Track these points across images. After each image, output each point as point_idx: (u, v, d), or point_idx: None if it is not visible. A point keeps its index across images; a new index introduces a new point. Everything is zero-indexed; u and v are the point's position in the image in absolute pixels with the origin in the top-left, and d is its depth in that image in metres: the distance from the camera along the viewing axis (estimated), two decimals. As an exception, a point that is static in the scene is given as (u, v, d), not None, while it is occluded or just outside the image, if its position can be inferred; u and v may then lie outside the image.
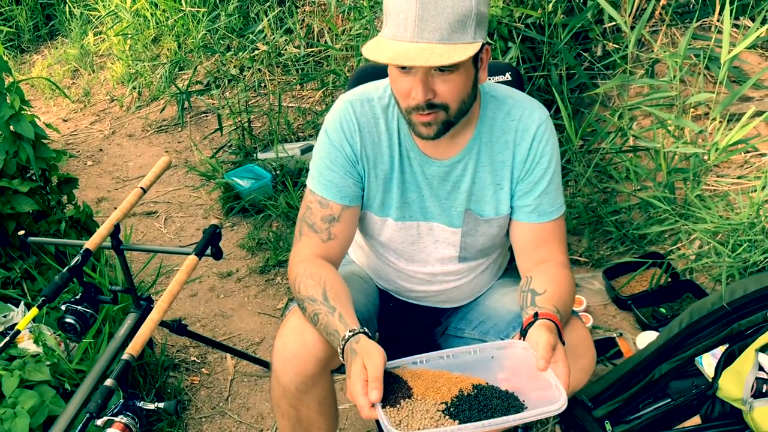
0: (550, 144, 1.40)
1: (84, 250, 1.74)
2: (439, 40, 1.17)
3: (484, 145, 1.40)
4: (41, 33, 6.27)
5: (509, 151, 1.40)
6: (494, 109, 1.40)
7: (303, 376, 1.37)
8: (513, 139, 1.40)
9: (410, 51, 1.17)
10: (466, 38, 1.19)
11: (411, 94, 1.24)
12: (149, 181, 1.91)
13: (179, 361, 2.41)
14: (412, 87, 1.24)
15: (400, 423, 1.10)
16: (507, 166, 1.41)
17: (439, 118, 1.27)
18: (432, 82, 1.23)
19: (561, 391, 1.12)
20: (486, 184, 1.43)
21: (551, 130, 1.41)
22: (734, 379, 1.67)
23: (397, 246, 1.52)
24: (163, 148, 4.12)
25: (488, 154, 1.41)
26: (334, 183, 1.42)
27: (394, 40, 1.20)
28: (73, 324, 1.70)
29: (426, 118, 1.26)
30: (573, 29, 2.74)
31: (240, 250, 3.01)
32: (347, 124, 1.42)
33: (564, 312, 1.31)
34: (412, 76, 1.23)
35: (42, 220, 2.56)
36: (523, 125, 1.39)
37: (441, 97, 1.24)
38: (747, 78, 2.55)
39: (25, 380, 1.88)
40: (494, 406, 1.13)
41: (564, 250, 1.46)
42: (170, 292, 1.55)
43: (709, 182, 2.42)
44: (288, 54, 3.91)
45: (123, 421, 1.35)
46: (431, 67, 1.20)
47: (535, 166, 1.40)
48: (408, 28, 1.17)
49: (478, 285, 1.62)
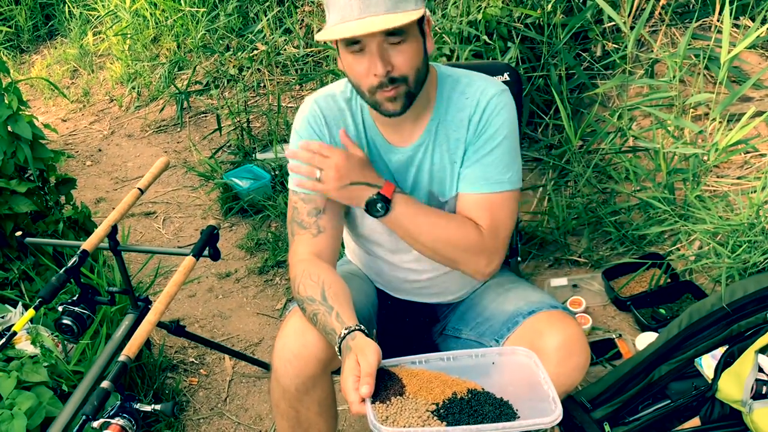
0: (501, 116, 1.39)
1: (81, 251, 1.74)
2: (385, 10, 1.22)
3: (441, 124, 1.42)
4: (40, 33, 6.26)
5: (464, 129, 1.41)
6: (450, 89, 1.43)
7: (303, 377, 1.37)
8: (468, 116, 1.40)
9: (359, 25, 1.22)
10: (410, 6, 1.25)
11: (370, 72, 1.28)
12: (147, 181, 1.91)
13: (177, 362, 2.41)
14: (370, 64, 1.27)
15: (387, 419, 1.10)
16: (462, 144, 1.42)
17: (401, 91, 1.30)
18: (387, 55, 1.27)
19: (557, 404, 1.12)
20: (444, 164, 1.44)
21: (505, 104, 1.40)
22: (734, 381, 1.66)
23: (380, 237, 1.54)
24: (162, 148, 4.12)
25: (444, 133, 1.42)
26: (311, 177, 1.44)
27: (341, 23, 1.24)
28: (70, 325, 1.70)
29: (390, 93, 1.30)
30: (572, 29, 2.74)
31: (239, 251, 3.01)
32: (314, 119, 1.46)
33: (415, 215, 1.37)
34: (368, 54, 1.27)
35: (40, 221, 2.55)
36: (476, 101, 1.40)
37: (399, 69, 1.28)
38: (747, 78, 2.54)
39: (23, 381, 1.88)
40: (485, 412, 1.12)
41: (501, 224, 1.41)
42: (167, 294, 1.55)
43: (709, 183, 2.42)
44: (287, 54, 3.91)
45: (119, 423, 1.35)
46: (383, 40, 1.25)
47: (481, 135, 1.40)
48: (354, 8, 1.23)
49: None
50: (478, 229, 1.40)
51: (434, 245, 1.41)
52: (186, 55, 4.51)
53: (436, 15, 3.03)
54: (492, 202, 1.41)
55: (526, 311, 1.44)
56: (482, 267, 1.43)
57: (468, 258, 1.41)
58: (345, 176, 1.36)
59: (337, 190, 1.37)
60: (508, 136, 1.40)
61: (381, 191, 1.36)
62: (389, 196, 1.37)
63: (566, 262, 2.55)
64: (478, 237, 1.40)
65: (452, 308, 1.69)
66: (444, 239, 1.39)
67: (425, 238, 1.40)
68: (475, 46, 2.80)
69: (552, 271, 2.54)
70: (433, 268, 1.57)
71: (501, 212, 1.41)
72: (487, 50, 2.82)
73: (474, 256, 1.41)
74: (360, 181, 1.37)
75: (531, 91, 2.86)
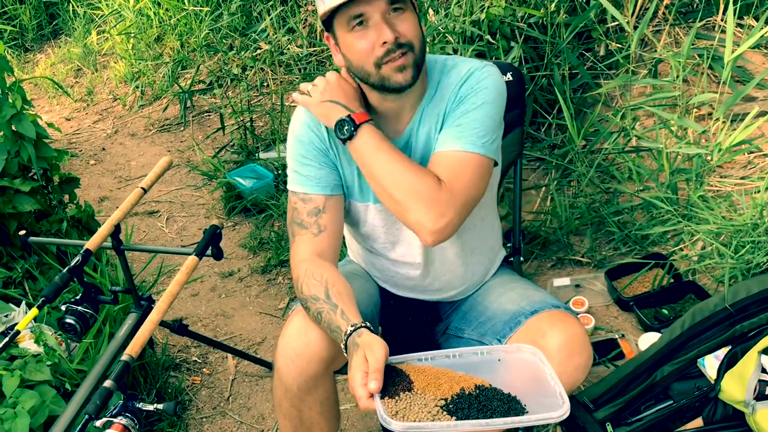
0: (482, 84, 1.37)
1: (84, 250, 1.74)
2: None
3: (427, 106, 1.43)
4: (45, 32, 6.27)
5: (446, 101, 1.41)
6: (439, 74, 1.44)
7: (306, 376, 1.37)
8: (451, 89, 1.41)
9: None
10: None
11: (378, 42, 1.29)
12: (150, 181, 1.91)
13: (180, 361, 2.41)
14: (377, 34, 1.29)
15: (396, 414, 1.10)
16: (441, 116, 1.42)
17: (410, 59, 1.32)
18: (393, 23, 1.29)
19: (564, 400, 1.13)
20: (429, 139, 1.44)
21: (489, 74, 1.39)
22: (737, 381, 1.66)
23: (381, 232, 1.54)
24: (165, 147, 4.12)
25: (429, 112, 1.43)
26: (311, 176, 1.45)
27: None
28: (72, 324, 1.70)
29: (400, 61, 1.31)
30: (576, 29, 2.73)
31: (242, 250, 3.01)
32: (311, 118, 1.47)
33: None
34: (372, 26, 1.29)
35: (43, 220, 2.56)
36: (460, 76, 1.40)
37: (405, 35, 1.30)
38: (751, 78, 2.53)
39: (26, 380, 1.88)
40: (494, 407, 1.13)
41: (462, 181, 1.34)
42: (170, 293, 1.55)
43: (712, 183, 2.41)
44: (290, 53, 3.91)
45: (122, 422, 1.35)
46: (387, 9, 1.28)
47: (461, 102, 1.39)
48: None
49: (469, 269, 1.61)
50: (436, 180, 1.33)
51: (387, 182, 1.34)
52: (189, 54, 4.52)
53: (439, 15, 3.02)
54: (460, 160, 1.35)
55: (529, 311, 1.44)
56: (430, 220, 1.30)
57: (417, 206, 1.31)
58: (330, 92, 1.40)
59: (317, 102, 1.41)
60: (488, 102, 1.37)
61: (353, 116, 1.37)
62: (358, 122, 1.37)
63: (569, 262, 2.55)
64: (433, 186, 1.31)
65: (455, 307, 1.69)
66: (397, 178, 1.33)
67: (380, 172, 1.35)
68: (478, 46, 2.80)
69: (555, 270, 2.54)
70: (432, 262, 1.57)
71: (466, 172, 1.35)
72: (490, 50, 2.82)
73: (423, 205, 1.30)
74: (340, 101, 1.40)
75: (534, 91, 2.86)
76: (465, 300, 1.67)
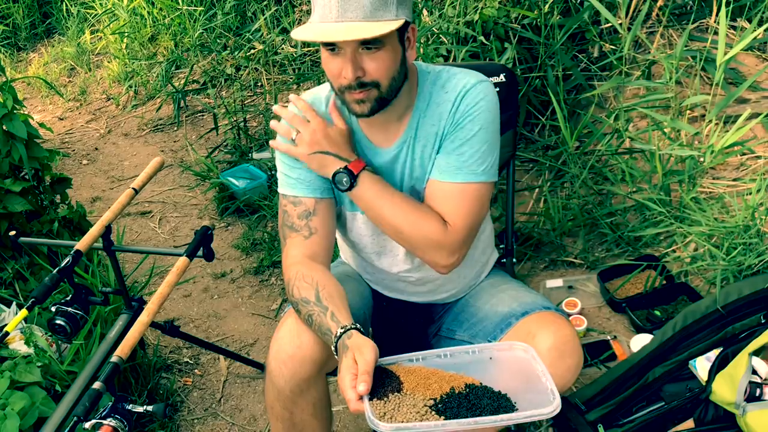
0: (479, 107, 1.37)
1: (74, 251, 1.73)
2: (363, 17, 1.22)
3: (421, 120, 1.42)
4: (38, 31, 6.25)
5: (442, 121, 1.40)
6: (431, 85, 1.42)
7: (298, 379, 1.37)
8: (447, 109, 1.39)
9: (335, 29, 1.22)
10: (389, 15, 1.25)
11: (342, 74, 1.28)
12: (141, 181, 1.90)
13: (172, 362, 2.40)
14: (342, 66, 1.27)
15: (384, 415, 1.10)
16: (439, 137, 1.41)
17: (372, 95, 1.30)
18: (360, 60, 1.27)
19: (555, 396, 1.12)
20: (424, 158, 1.43)
21: (484, 94, 1.38)
22: (728, 383, 1.66)
23: (368, 241, 1.55)
24: (158, 147, 4.11)
25: (424, 128, 1.42)
26: (300, 179, 1.45)
27: (321, 23, 1.25)
28: (62, 325, 1.70)
29: (358, 96, 1.30)
30: (569, 30, 2.73)
31: (234, 251, 3.00)
32: None
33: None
34: (341, 56, 1.27)
35: (35, 220, 2.55)
36: (455, 93, 1.39)
37: (370, 74, 1.28)
38: (743, 80, 2.54)
39: (16, 381, 1.87)
40: (484, 406, 1.13)
41: (466, 218, 1.38)
42: (160, 294, 1.55)
43: (705, 185, 2.42)
44: (284, 53, 3.90)
45: (111, 424, 1.35)
46: (358, 46, 1.25)
47: (458, 125, 1.38)
48: (333, 10, 1.23)
49: (461, 272, 1.60)
50: (441, 222, 1.38)
51: (394, 230, 1.40)
52: (183, 54, 4.50)
53: (433, 15, 3.02)
54: (463, 193, 1.38)
55: (519, 312, 1.44)
56: (441, 261, 1.40)
57: (427, 250, 1.39)
58: (318, 143, 1.39)
59: (307, 155, 1.40)
60: (485, 127, 1.37)
61: (349, 166, 1.37)
62: (356, 172, 1.37)
63: (562, 264, 2.55)
64: (440, 231, 1.37)
65: (446, 309, 1.69)
66: (404, 226, 1.38)
67: (385, 221, 1.39)
68: (471, 47, 2.80)
69: (547, 272, 2.54)
70: (418, 269, 1.57)
71: (470, 204, 1.39)
72: (483, 51, 2.82)
73: (433, 249, 1.39)
74: (331, 152, 1.39)
75: (528, 92, 2.86)
76: (457, 302, 1.67)
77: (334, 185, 1.40)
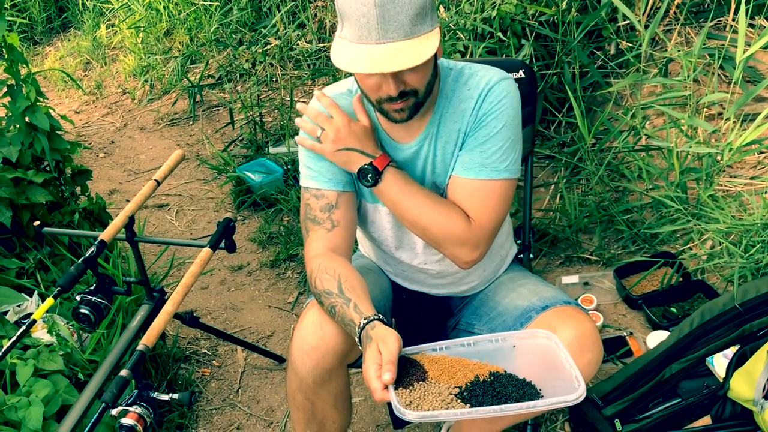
0: (501, 104, 1.38)
1: (99, 241, 1.76)
2: (404, 36, 1.21)
3: (443, 117, 1.43)
4: (54, 25, 6.30)
5: (465, 118, 1.41)
6: (453, 82, 1.43)
7: (321, 369, 1.39)
8: (470, 106, 1.40)
9: (380, 56, 1.20)
10: (426, 28, 1.24)
11: (382, 89, 1.28)
12: (163, 173, 1.93)
13: (190, 352, 2.43)
14: (381, 82, 1.28)
15: (411, 404, 1.11)
16: (462, 133, 1.42)
17: (410, 103, 1.32)
18: (402, 75, 1.27)
19: (580, 382, 1.13)
20: (446, 154, 1.45)
21: (507, 92, 1.39)
22: (746, 380, 1.67)
23: (389, 234, 1.56)
24: (174, 141, 4.14)
25: (447, 125, 1.43)
26: (323, 173, 1.46)
27: (359, 44, 1.23)
28: (87, 314, 1.72)
29: (398, 106, 1.31)
30: (587, 27, 2.73)
31: (251, 244, 3.03)
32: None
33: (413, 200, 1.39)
34: (380, 74, 1.26)
35: (56, 211, 2.58)
36: (478, 91, 1.40)
37: (410, 85, 1.29)
38: (762, 78, 2.53)
39: (39, 369, 1.90)
40: (509, 393, 1.13)
41: (490, 214, 1.40)
42: (184, 285, 1.57)
43: (722, 182, 2.42)
44: (300, 49, 3.92)
45: (137, 411, 1.37)
46: None
47: (481, 122, 1.39)
48: (372, 31, 1.21)
49: (480, 266, 1.62)
50: (465, 218, 1.40)
51: (418, 225, 1.41)
52: (199, 48, 4.53)
53: (450, 11, 3.03)
54: (487, 190, 1.40)
55: (539, 307, 1.45)
56: (463, 257, 1.42)
57: (450, 246, 1.41)
58: (342, 140, 1.40)
59: (332, 152, 1.41)
60: (507, 124, 1.39)
61: (374, 162, 1.39)
62: (381, 168, 1.39)
63: (578, 260, 2.56)
64: (463, 227, 1.39)
65: (466, 302, 1.70)
66: (428, 222, 1.39)
67: (410, 217, 1.41)
68: (489, 43, 2.81)
69: (563, 268, 2.55)
70: (439, 263, 1.58)
71: (494, 201, 1.41)
72: (501, 47, 2.83)
73: (456, 245, 1.40)
74: (356, 148, 1.40)
75: (545, 89, 2.86)
76: (476, 295, 1.68)
77: (359, 181, 1.41)
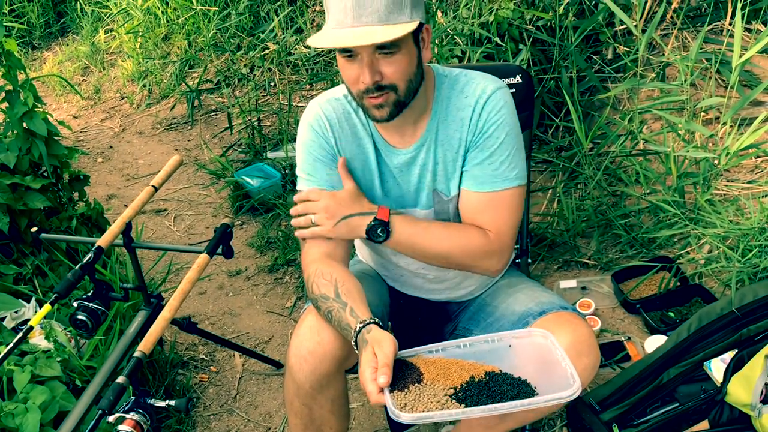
0: (501, 114, 1.39)
1: (96, 247, 1.76)
2: (378, 21, 1.24)
3: (441, 124, 1.44)
4: (52, 30, 6.30)
5: (465, 127, 1.42)
6: (449, 89, 1.44)
7: (318, 375, 1.39)
8: (468, 115, 1.41)
9: (350, 35, 1.23)
10: (404, 18, 1.26)
11: (359, 79, 1.30)
12: (161, 179, 1.93)
13: (188, 358, 2.43)
14: (360, 72, 1.29)
15: (405, 406, 1.11)
16: (463, 143, 1.43)
17: (390, 99, 1.32)
18: (378, 65, 1.29)
19: (575, 380, 1.14)
20: (447, 162, 1.45)
21: (505, 101, 1.41)
22: (743, 385, 1.67)
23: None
24: (172, 146, 4.14)
25: (445, 132, 1.44)
26: (320, 179, 1.47)
27: (336, 29, 1.26)
28: (84, 321, 1.72)
29: (377, 101, 1.32)
30: (584, 32, 2.74)
31: (249, 249, 3.03)
32: (317, 122, 1.48)
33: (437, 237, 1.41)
34: (358, 62, 1.29)
35: (53, 217, 2.58)
36: (475, 100, 1.41)
37: (388, 78, 1.30)
38: (759, 82, 2.54)
39: (37, 375, 1.90)
40: (504, 392, 1.14)
41: (507, 222, 1.43)
42: (182, 291, 1.57)
43: (720, 187, 2.42)
44: (298, 53, 3.93)
45: (134, 418, 1.37)
46: (374, 50, 1.27)
47: (482, 135, 1.41)
48: (347, 15, 1.24)
49: None
50: (482, 232, 1.42)
51: (441, 256, 1.44)
52: (197, 53, 4.54)
53: (447, 16, 3.04)
54: (500, 200, 1.42)
55: (537, 312, 1.45)
56: (493, 267, 1.46)
57: (477, 262, 1.45)
58: (336, 214, 1.42)
59: (333, 228, 1.43)
60: (509, 133, 1.41)
61: (377, 216, 1.40)
62: (386, 219, 1.40)
63: (575, 264, 2.56)
64: (483, 241, 1.42)
65: (463, 308, 1.70)
66: (448, 248, 1.42)
67: (431, 251, 1.43)
68: (486, 48, 2.81)
69: (561, 273, 2.55)
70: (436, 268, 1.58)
71: (508, 210, 1.43)
72: (498, 52, 2.83)
73: (482, 260, 1.44)
74: (352, 213, 1.42)
75: (542, 93, 2.87)
76: (474, 300, 1.68)
77: (371, 240, 1.42)
